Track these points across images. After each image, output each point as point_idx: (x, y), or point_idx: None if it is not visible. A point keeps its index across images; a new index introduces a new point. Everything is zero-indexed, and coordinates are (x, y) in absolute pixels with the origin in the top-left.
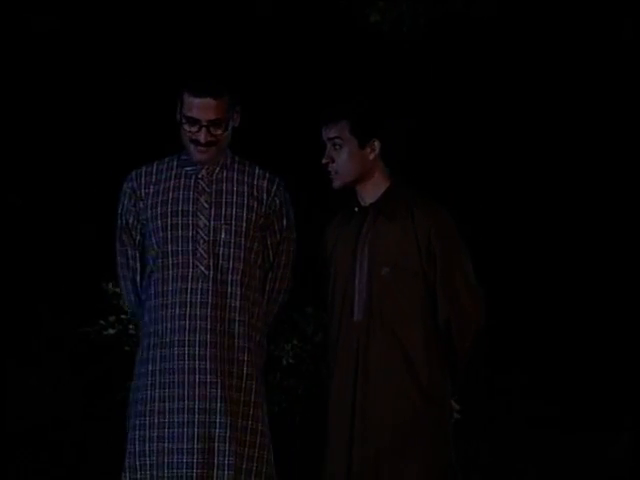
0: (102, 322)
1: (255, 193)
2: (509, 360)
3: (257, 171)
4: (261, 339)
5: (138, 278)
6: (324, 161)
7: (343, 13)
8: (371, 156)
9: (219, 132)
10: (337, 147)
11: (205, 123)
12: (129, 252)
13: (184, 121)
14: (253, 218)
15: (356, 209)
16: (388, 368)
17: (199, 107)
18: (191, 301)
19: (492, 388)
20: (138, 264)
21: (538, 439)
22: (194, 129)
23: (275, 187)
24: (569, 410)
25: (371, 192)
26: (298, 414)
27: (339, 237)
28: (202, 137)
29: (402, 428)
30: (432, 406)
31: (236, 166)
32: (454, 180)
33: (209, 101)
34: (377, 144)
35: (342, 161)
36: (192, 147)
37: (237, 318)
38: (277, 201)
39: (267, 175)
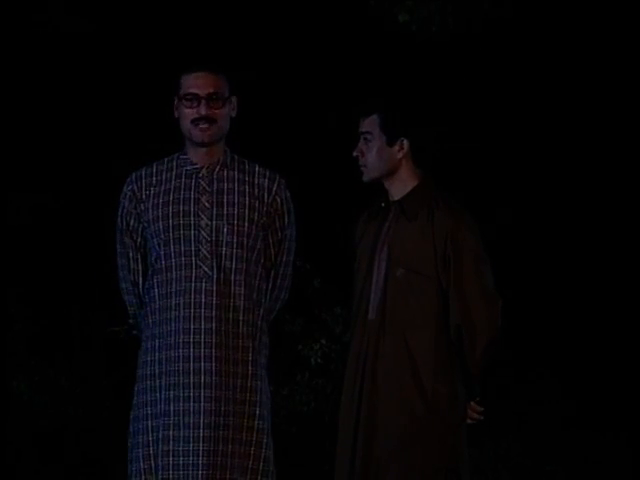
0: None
1: (256, 192)
2: (541, 360)
3: (257, 169)
4: (264, 338)
5: (140, 280)
6: (354, 154)
7: (372, 12)
8: (399, 155)
9: (218, 108)
10: (367, 141)
11: (204, 96)
12: (130, 254)
13: (183, 102)
14: (255, 217)
15: (383, 204)
16: (394, 371)
17: (197, 80)
18: (195, 302)
19: (524, 388)
20: (140, 266)
21: (569, 440)
22: (194, 105)
23: (276, 185)
24: (601, 411)
25: (398, 189)
26: (327, 414)
27: (364, 233)
28: (203, 109)
29: (402, 435)
30: (434, 415)
31: (236, 165)
32: (471, 183)
33: (206, 74)
34: (406, 143)
35: (370, 156)
36: (193, 129)
37: (241, 318)
38: (278, 200)
39: (268, 173)
